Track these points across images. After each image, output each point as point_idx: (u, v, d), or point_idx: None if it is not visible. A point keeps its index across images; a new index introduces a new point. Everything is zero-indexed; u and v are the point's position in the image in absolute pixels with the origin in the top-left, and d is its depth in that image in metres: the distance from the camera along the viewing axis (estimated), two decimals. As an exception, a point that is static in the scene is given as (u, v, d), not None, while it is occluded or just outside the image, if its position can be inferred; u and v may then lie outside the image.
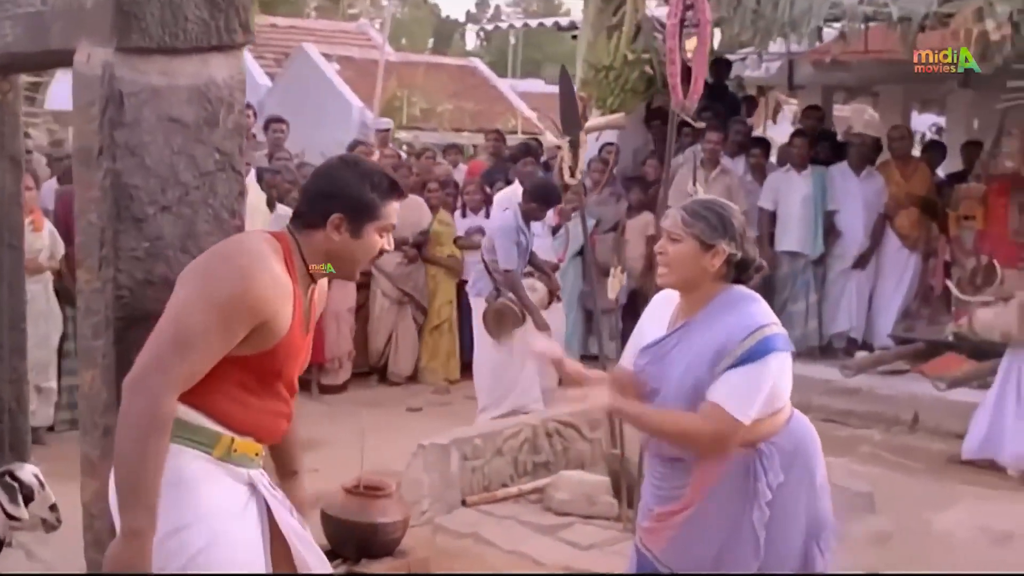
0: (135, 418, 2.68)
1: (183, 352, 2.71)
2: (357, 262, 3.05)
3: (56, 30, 3.42)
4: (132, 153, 3.20)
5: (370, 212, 2.97)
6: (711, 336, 3.30)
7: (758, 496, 3.34)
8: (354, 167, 3.03)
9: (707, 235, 3.31)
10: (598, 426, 6.95)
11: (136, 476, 2.68)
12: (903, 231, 9.71)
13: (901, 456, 7.78)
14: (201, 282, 2.79)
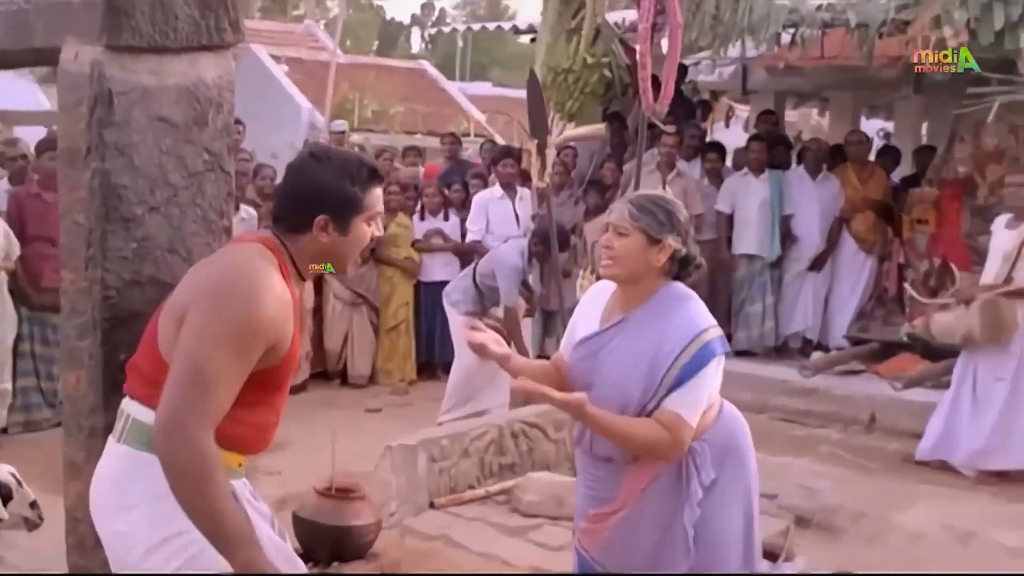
0: (186, 470, 2.59)
1: (207, 392, 2.63)
2: (349, 256, 2.98)
3: (40, 28, 3.38)
4: (121, 153, 3.17)
5: (355, 206, 2.89)
6: (651, 339, 3.31)
7: (690, 496, 3.37)
8: (328, 161, 2.91)
9: (654, 229, 3.32)
10: (563, 427, 6.96)
11: (217, 518, 2.60)
12: (859, 235, 9.86)
13: (859, 456, 7.87)
14: (210, 315, 2.68)
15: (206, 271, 2.82)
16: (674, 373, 3.25)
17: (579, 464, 3.60)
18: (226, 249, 2.93)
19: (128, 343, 3.23)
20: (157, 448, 2.61)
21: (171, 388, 2.63)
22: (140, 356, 2.89)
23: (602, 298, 3.54)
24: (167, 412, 2.61)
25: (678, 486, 3.38)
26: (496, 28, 13.80)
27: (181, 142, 3.29)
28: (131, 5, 3.13)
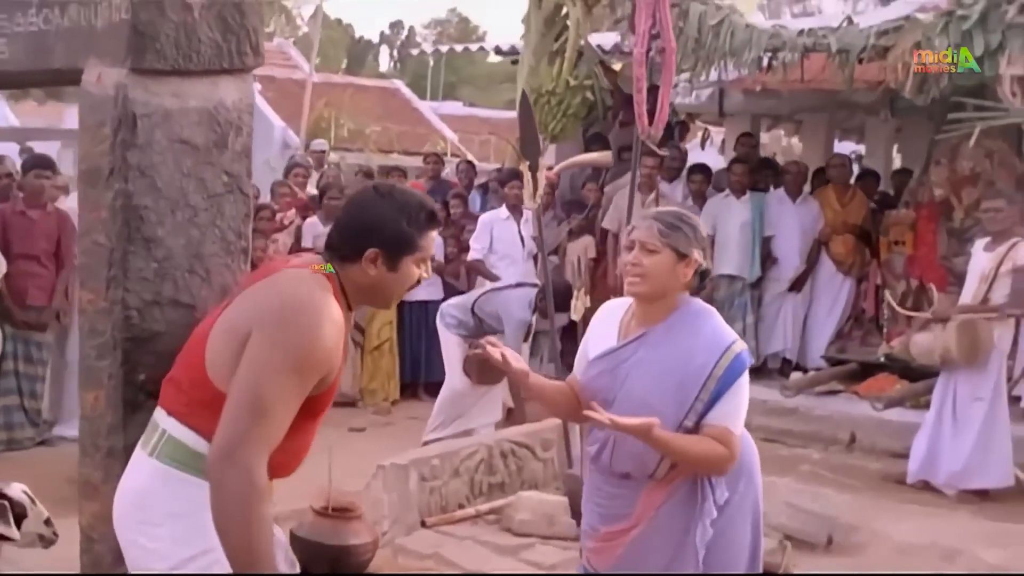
0: (235, 496, 2.59)
1: (266, 420, 2.65)
2: (393, 294, 3.03)
3: (60, 50, 3.40)
4: (143, 174, 3.20)
5: (408, 246, 2.93)
6: (677, 354, 3.35)
7: (703, 515, 3.42)
8: (389, 198, 2.95)
9: (683, 245, 3.37)
10: (550, 446, 7.02)
11: (252, 555, 2.61)
12: (838, 256, 10.01)
13: (841, 475, 7.96)
14: (274, 344, 2.69)
15: (268, 297, 2.81)
16: (711, 387, 3.31)
17: (592, 482, 3.62)
18: (285, 274, 2.91)
19: (147, 363, 3.26)
20: (211, 472, 2.62)
21: (231, 415, 2.64)
22: (181, 373, 2.90)
23: (616, 315, 3.58)
24: (226, 438, 2.62)
25: (692, 503, 3.42)
26: (479, 50, 13.89)
27: (201, 164, 3.32)
28: (156, 29, 3.17)
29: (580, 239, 9.75)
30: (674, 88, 12.46)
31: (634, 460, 3.39)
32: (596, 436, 3.52)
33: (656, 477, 3.41)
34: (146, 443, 2.90)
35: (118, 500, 2.94)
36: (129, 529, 2.89)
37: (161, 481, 2.79)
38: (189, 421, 2.76)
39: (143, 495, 2.84)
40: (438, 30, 44.67)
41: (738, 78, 11.00)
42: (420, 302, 9.71)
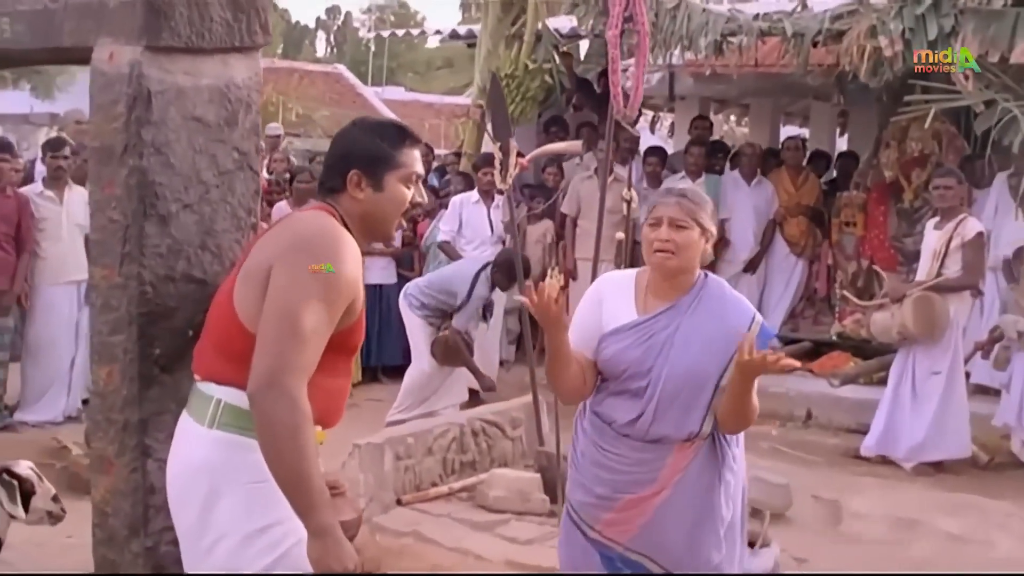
0: (283, 423, 2.62)
1: (302, 347, 2.67)
2: (388, 218, 3.02)
3: (69, 28, 3.42)
4: (158, 151, 3.24)
5: (385, 161, 2.96)
6: (714, 321, 3.46)
7: (726, 469, 3.53)
8: (361, 123, 3.07)
9: (705, 221, 3.49)
10: (519, 425, 7.11)
11: (304, 478, 2.62)
12: (791, 238, 10.20)
13: (800, 450, 8.14)
14: (297, 272, 2.72)
15: (284, 233, 2.88)
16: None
17: (612, 451, 3.58)
18: (296, 215, 3.01)
19: (161, 338, 3.31)
20: (253, 400, 2.64)
21: (267, 344, 2.67)
22: (217, 337, 2.91)
23: (625, 289, 3.62)
24: (264, 365, 2.64)
25: (715, 460, 3.52)
26: (420, 34, 13.90)
27: (213, 141, 3.37)
28: (170, 7, 3.20)
29: (540, 223, 9.85)
30: (625, 72, 12.65)
31: (677, 423, 3.46)
32: (630, 404, 3.53)
33: (701, 436, 3.48)
34: (200, 418, 2.88)
35: (174, 478, 2.93)
36: (190, 506, 2.87)
37: (227, 450, 2.80)
38: (242, 383, 2.73)
39: (209, 468, 2.83)
40: (376, 16, 44.49)
41: (688, 62, 11.13)
42: (374, 285, 9.72)
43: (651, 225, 3.50)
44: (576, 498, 3.70)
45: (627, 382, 3.52)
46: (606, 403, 3.58)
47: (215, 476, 2.81)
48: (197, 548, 2.88)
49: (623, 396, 3.53)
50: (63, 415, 7.99)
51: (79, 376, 8.07)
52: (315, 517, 2.64)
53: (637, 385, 3.49)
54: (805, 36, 8.65)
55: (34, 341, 8.00)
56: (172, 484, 2.95)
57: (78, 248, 7.97)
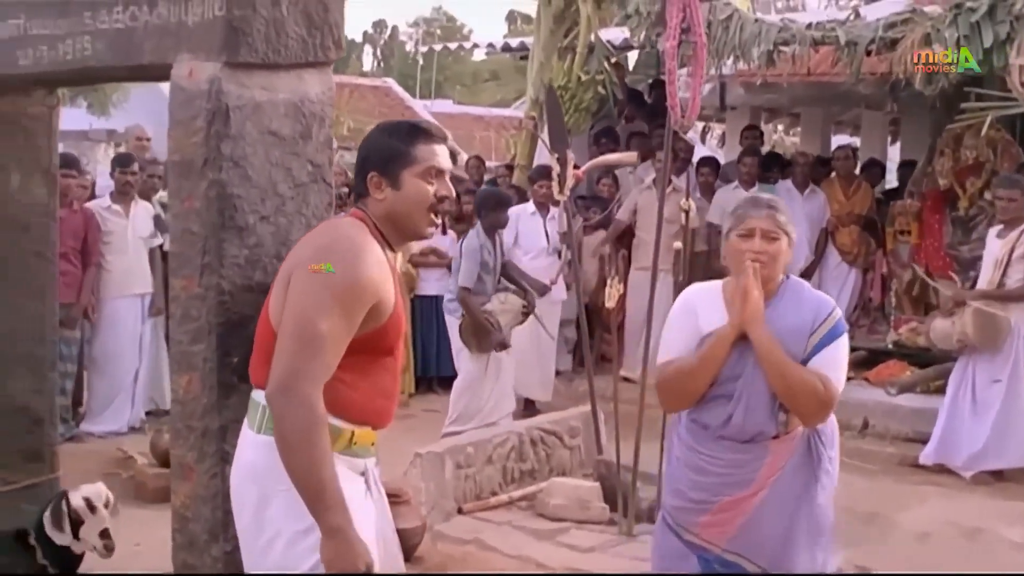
0: (297, 426, 2.73)
1: (317, 352, 2.77)
2: (412, 214, 3.04)
3: (149, 46, 3.52)
4: (236, 164, 3.33)
5: (399, 158, 3.00)
6: (798, 319, 3.57)
7: (821, 471, 3.62)
8: (378, 126, 3.13)
9: (792, 229, 3.64)
10: (577, 434, 7.16)
11: (318, 479, 2.73)
12: (843, 247, 10.19)
13: (857, 459, 8.08)
14: (315, 281, 2.82)
15: (308, 240, 3.01)
16: (814, 341, 3.54)
17: (709, 452, 3.67)
18: (325, 222, 3.16)
19: (240, 346, 3.38)
20: (271, 406, 2.77)
21: (283, 347, 2.79)
22: (259, 345, 3.03)
23: (714, 299, 3.71)
24: (280, 370, 2.76)
25: (809, 461, 3.61)
26: (472, 47, 13.99)
27: (288, 154, 3.46)
28: (249, 24, 3.29)
29: (595, 233, 9.89)
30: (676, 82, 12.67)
31: (764, 419, 3.57)
32: (724, 406, 3.62)
33: (781, 432, 3.58)
34: (252, 423, 3.02)
35: (233, 481, 3.06)
36: (245, 508, 2.99)
37: (273, 453, 2.85)
38: None
39: (255, 471, 2.95)
40: (424, 29, 44.76)
41: (739, 72, 11.14)
42: (430, 296, 9.80)
43: (742, 236, 3.60)
44: (672, 503, 3.81)
45: (720, 386, 3.63)
46: (703, 408, 3.68)
47: (263, 479, 2.91)
48: (254, 548, 2.98)
49: (718, 400, 3.63)
50: (127, 426, 8.13)
51: (143, 388, 8.22)
52: (327, 518, 2.73)
53: (730, 389, 3.61)
54: (858, 45, 8.64)
55: (99, 353, 8.14)
56: (231, 488, 3.08)
57: (142, 261, 8.15)
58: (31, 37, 3.90)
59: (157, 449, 6.79)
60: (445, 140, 3.15)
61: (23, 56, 3.95)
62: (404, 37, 48.89)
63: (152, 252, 8.26)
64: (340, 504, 2.75)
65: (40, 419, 4.70)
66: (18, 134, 4.46)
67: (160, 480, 6.62)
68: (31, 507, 4.65)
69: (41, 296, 4.67)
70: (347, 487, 2.88)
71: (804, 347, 3.54)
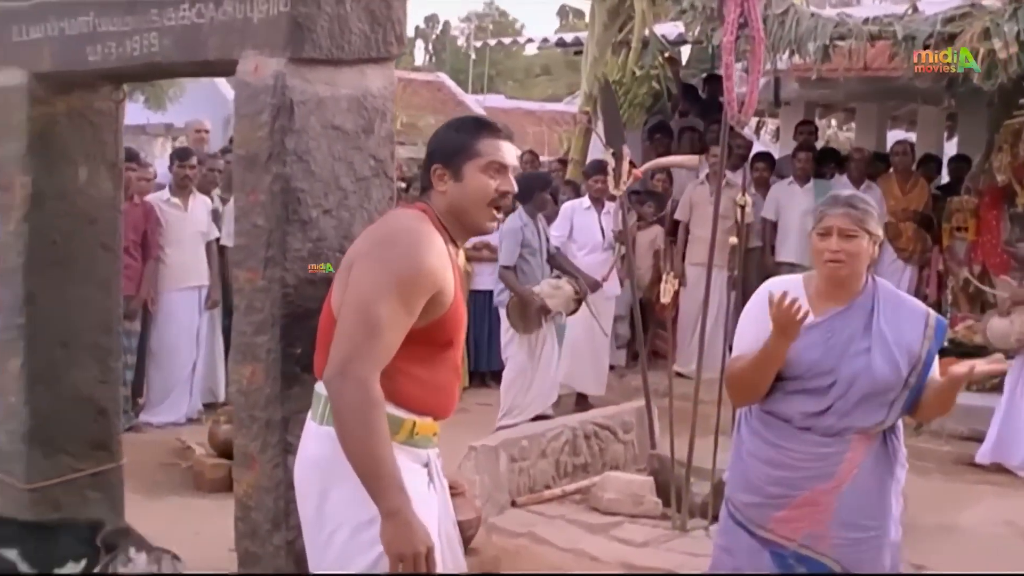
0: (353, 408, 2.77)
1: (376, 338, 2.80)
2: (472, 208, 3.07)
3: (214, 42, 3.58)
4: (300, 159, 3.39)
5: (462, 151, 3.04)
6: (896, 322, 3.60)
7: (898, 465, 3.70)
8: (448, 123, 3.18)
9: (873, 228, 3.60)
10: (631, 428, 7.17)
11: (375, 461, 2.77)
12: (899, 244, 10.07)
13: (913, 458, 7.91)
14: (374, 264, 2.87)
15: (370, 231, 3.06)
16: (927, 347, 3.61)
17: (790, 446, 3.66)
18: (387, 213, 3.20)
19: (303, 338, 3.44)
20: (329, 388, 2.82)
21: (341, 332, 2.83)
22: (321, 336, 3.05)
23: (795, 293, 3.64)
24: (338, 354, 2.80)
25: (887, 455, 3.66)
26: (527, 41, 14.02)
27: (351, 149, 3.51)
28: (313, 21, 3.35)
29: (649, 228, 9.89)
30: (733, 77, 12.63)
31: (866, 414, 3.58)
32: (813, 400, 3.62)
33: (884, 426, 3.61)
34: (314, 414, 3.05)
35: (297, 473, 3.10)
36: (308, 498, 3.02)
37: (334, 444, 2.88)
38: None
39: (319, 462, 2.97)
40: (475, 24, 44.82)
41: (795, 66, 11.08)
42: (484, 291, 9.83)
43: (820, 235, 3.61)
44: (742, 499, 3.78)
45: (807, 381, 3.63)
46: (783, 402, 3.67)
47: (325, 470, 2.95)
48: (318, 539, 3.00)
49: (802, 394, 3.64)
50: (185, 417, 8.25)
51: (200, 379, 8.33)
52: (386, 500, 2.76)
53: (819, 384, 3.61)
54: (916, 39, 8.55)
55: (157, 345, 8.25)
56: (295, 479, 3.12)
57: (200, 255, 8.25)
58: (100, 34, 3.98)
59: (215, 439, 6.89)
60: (511, 137, 3.16)
61: (92, 52, 4.04)
62: (456, 32, 49.03)
63: (209, 245, 8.36)
64: (398, 486, 2.78)
65: (105, 409, 4.77)
66: (85, 128, 4.54)
67: (218, 470, 6.74)
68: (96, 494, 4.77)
69: (107, 288, 4.74)
70: (410, 478, 2.90)
71: (914, 359, 3.58)
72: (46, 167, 4.48)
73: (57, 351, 4.56)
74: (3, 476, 4.62)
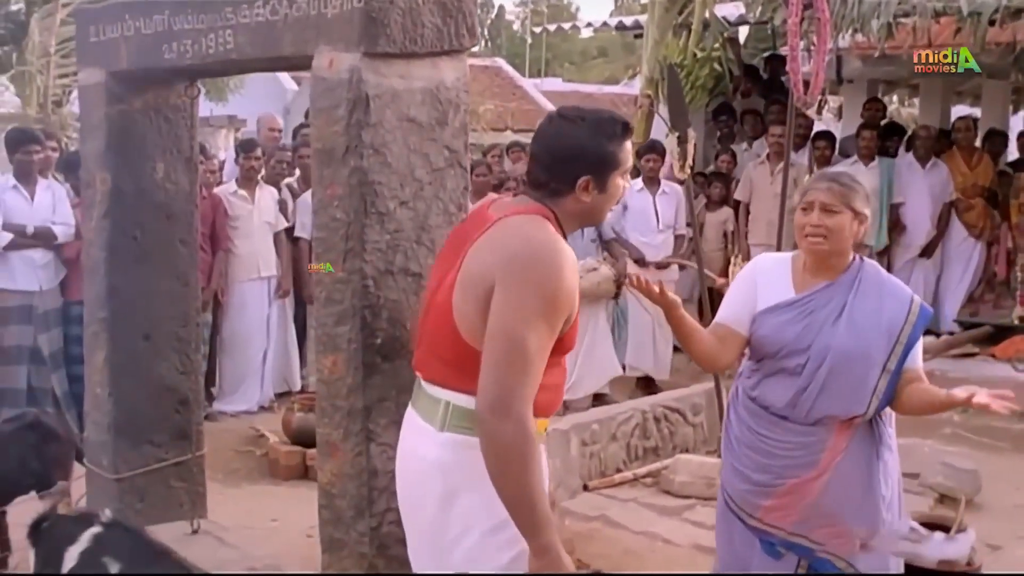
0: (513, 448, 2.67)
1: (528, 369, 2.71)
2: (605, 213, 3.05)
3: (289, 38, 3.64)
4: (376, 152, 3.44)
5: (614, 164, 2.94)
6: (876, 303, 3.55)
7: (883, 449, 3.62)
8: (582, 122, 2.93)
9: (859, 205, 3.56)
10: (700, 411, 7.17)
11: (531, 498, 2.69)
12: (969, 221, 9.99)
13: (984, 436, 7.97)
14: (522, 292, 2.74)
15: (505, 244, 2.82)
16: (907, 332, 3.52)
17: (771, 434, 3.65)
18: (511, 223, 2.89)
19: (382, 328, 3.51)
20: (483, 426, 2.70)
21: (494, 368, 2.70)
22: (439, 345, 2.94)
23: (780, 270, 3.72)
24: (492, 390, 2.69)
25: (871, 442, 3.60)
26: (586, 26, 14.00)
27: (426, 140, 3.56)
28: (387, 15, 3.39)
29: (720, 210, 9.86)
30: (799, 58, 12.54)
31: (842, 403, 3.53)
32: (788, 383, 3.59)
33: (865, 417, 3.56)
34: (430, 419, 2.95)
35: (408, 475, 3.03)
36: (429, 503, 2.95)
37: (460, 451, 2.85)
38: (466, 387, 2.80)
39: (444, 467, 2.90)
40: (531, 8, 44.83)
41: (857, 44, 10.98)
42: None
43: (803, 210, 3.60)
44: (733, 486, 3.77)
45: (784, 360, 3.60)
46: (762, 386, 3.66)
47: (450, 475, 2.89)
48: (441, 543, 2.95)
49: (779, 376, 3.61)
50: (257, 405, 8.36)
51: (272, 368, 8.44)
52: (539, 536, 2.70)
53: (795, 363, 3.57)
54: (982, 15, 8.47)
55: (229, 335, 8.37)
56: (405, 480, 3.06)
57: (268, 245, 8.34)
58: (175, 32, 4.07)
59: (289, 427, 6.99)
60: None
61: (168, 51, 4.12)
62: (511, 16, 48.92)
63: (277, 235, 8.46)
64: (550, 522, 2.73)
65: (186, 399, 4.88)
66: (162, 124, 4.64)
67: (292, 458, 6.84)
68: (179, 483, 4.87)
69: (185, 281, 4.84)
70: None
71: (892, 342, 3.51)
72: (125, 163, 4.59)
73: (140, 343, 4.68)
74: (91, 466, 4.75)
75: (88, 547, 3.55)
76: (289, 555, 5.13)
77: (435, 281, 3.04)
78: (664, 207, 9.11)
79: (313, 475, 6.66)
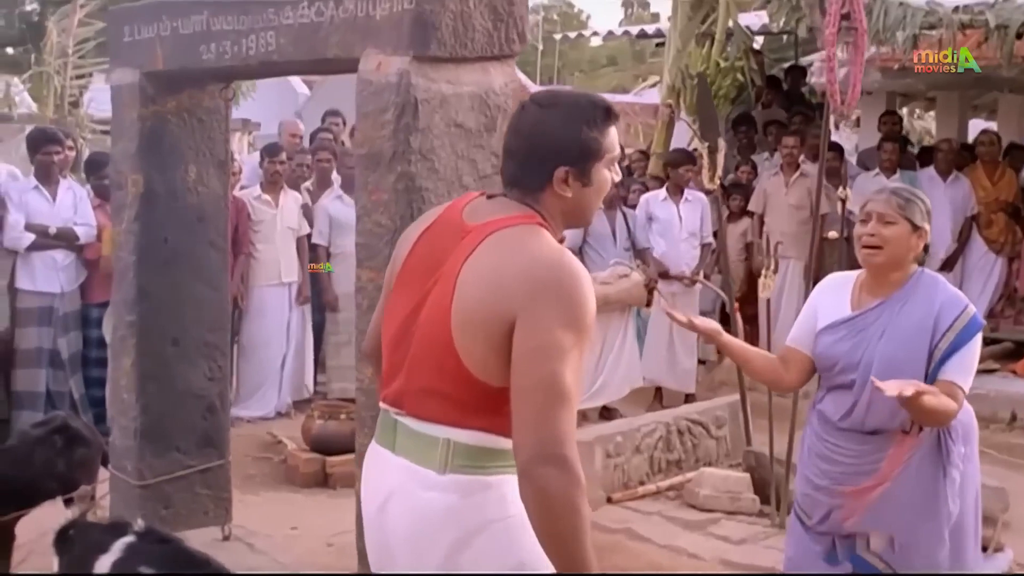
0: (562, 499, 2.37)
1: (570, 408, 2.42)
2: (592, 208, 2.70)
3: (334, 40, 3.58)
4: (424, 157, 3.38)
5: (595, 152, 2.59)
6: (919, 317, 3.52)
7: (951, 465, 3.57)
8: (555, 107, 2.60)
9: (918, 218, 3.55)
10: (723, 424, 7.12)
11: (580, 545, 2.41)
12: (990, 236, 9.90)
13: (1006, 453, 7.90)
14: (553, 329, 2.43)
15: (523, 277, 2.49)
16: (945, 344, 3.48)
17: (834, 441, 3.68)
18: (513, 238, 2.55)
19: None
20: (527, 474, 2.40)
21: (537, 413, 2.40)
22: (435, 379, 2.58)
23: (844, 287, 3.73)
24: (537, 438, 2.39)
25: (938, 456, 3.57)
26: (623, 34, 13.93)
27: (473, 147, 3.50)
28: (437, 18, 3.33)
29: (740, 221, 9.79)
30: (809, 67, 12.50)
31: (891, 414, 3.52)
32: (844, 398, 3.63)
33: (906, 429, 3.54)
34: (428, 461, 2.61)
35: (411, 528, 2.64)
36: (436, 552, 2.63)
37: (470, 493, 2.58)
38: (473, 424, 2.55)
39: (454, 514, 2.60)
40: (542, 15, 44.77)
41: (880, 56, 10.93)
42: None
43: (861, 221, 3.62)
44: (800, 490, 3.85)
45: (839, 376, 3.65)
46: (825, 400, 3.73)
47: (462, 521, 2.59)
48: None
49: (837, 391, 3.66)
50: (275, 411, 8.29)
51: (290, 374, 8.38)
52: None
53: (848, 378, 3.61)
54: (1009, 28, 8.41)
55: (248, 340, 8.31)
56: (400, 529, 2.67)
57: (290, 251, 8.28)
58: (214, 33, 4.01)
59: (308, 434, 6.91)
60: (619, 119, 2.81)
61: (206, 51, 4.07)
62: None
63: (299, 241, 8.40)
64: (594, 566, 2.47)
65: (214, 405, 4.83)
66: (195, 127, 4.59)
67: (312, 464, 6.77)
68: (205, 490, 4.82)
69: (216, 286, 4.79)
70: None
71: (928, 348, 3.49)
72: (157, 165, 4.54)
73: (168, 348, 4.62)
74: (116, 472, 4.68)
75: (121, 556, 3.48)
76: (312, 564, 5.07)
77: (407, 301, 2.66)
78: (688, 215, 9.04)
79: (332, 483, 6.65)
